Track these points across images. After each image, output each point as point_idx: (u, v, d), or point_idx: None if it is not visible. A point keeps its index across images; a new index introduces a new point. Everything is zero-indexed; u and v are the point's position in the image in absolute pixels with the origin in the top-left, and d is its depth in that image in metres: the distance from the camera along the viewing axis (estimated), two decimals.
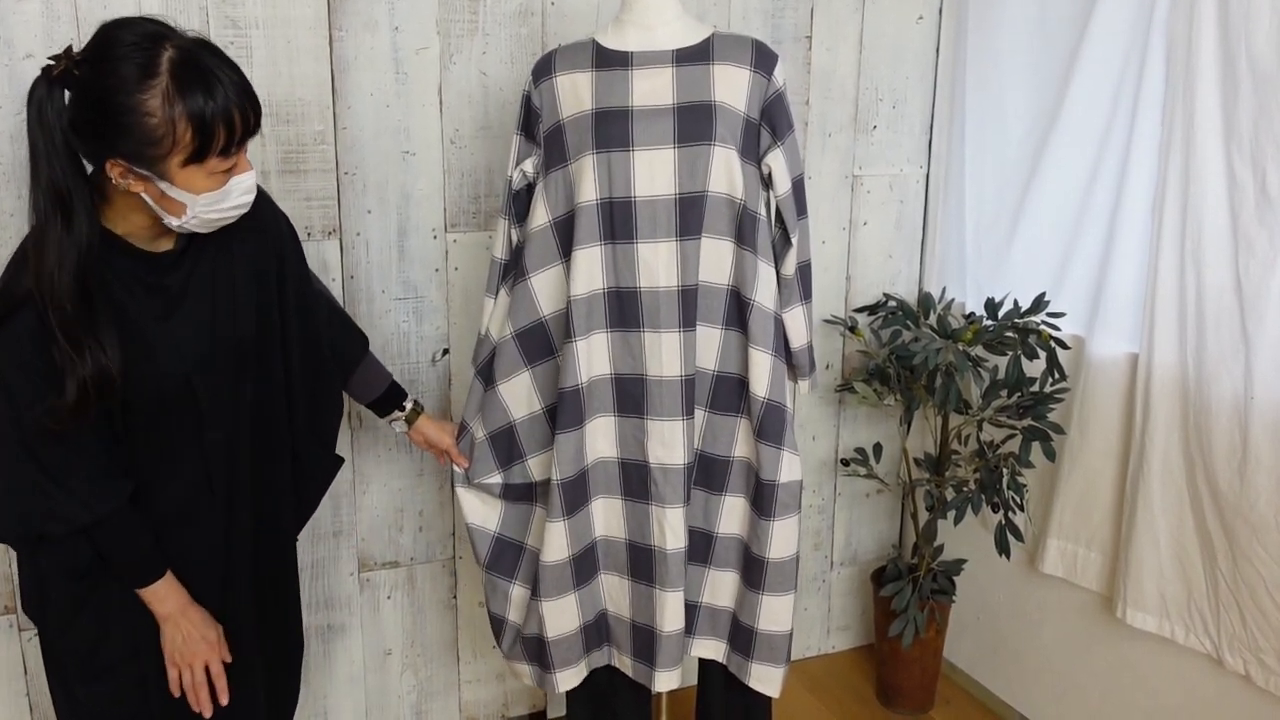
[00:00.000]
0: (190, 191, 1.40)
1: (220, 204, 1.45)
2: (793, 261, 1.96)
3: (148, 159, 1.37)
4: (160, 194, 1.41)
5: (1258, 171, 1.92)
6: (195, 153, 1.37)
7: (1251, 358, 1.94)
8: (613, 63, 1.85)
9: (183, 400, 1.56)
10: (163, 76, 1.34)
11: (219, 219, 1.48)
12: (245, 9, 2.06)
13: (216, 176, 1.42)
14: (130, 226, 1.48)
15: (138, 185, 1.40)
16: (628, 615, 2.03)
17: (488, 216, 2.35)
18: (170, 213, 1.43)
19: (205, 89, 1.36)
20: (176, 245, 1.54)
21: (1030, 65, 2.43)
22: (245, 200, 1.49)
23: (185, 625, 1.60)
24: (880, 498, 2.93)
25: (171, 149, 1.36)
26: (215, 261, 1.58)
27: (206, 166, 1.40)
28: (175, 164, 1.37)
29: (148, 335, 1.50)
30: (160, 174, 1.38)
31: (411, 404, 2.02)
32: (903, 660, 2.65)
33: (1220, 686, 2.11)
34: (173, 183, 1.39)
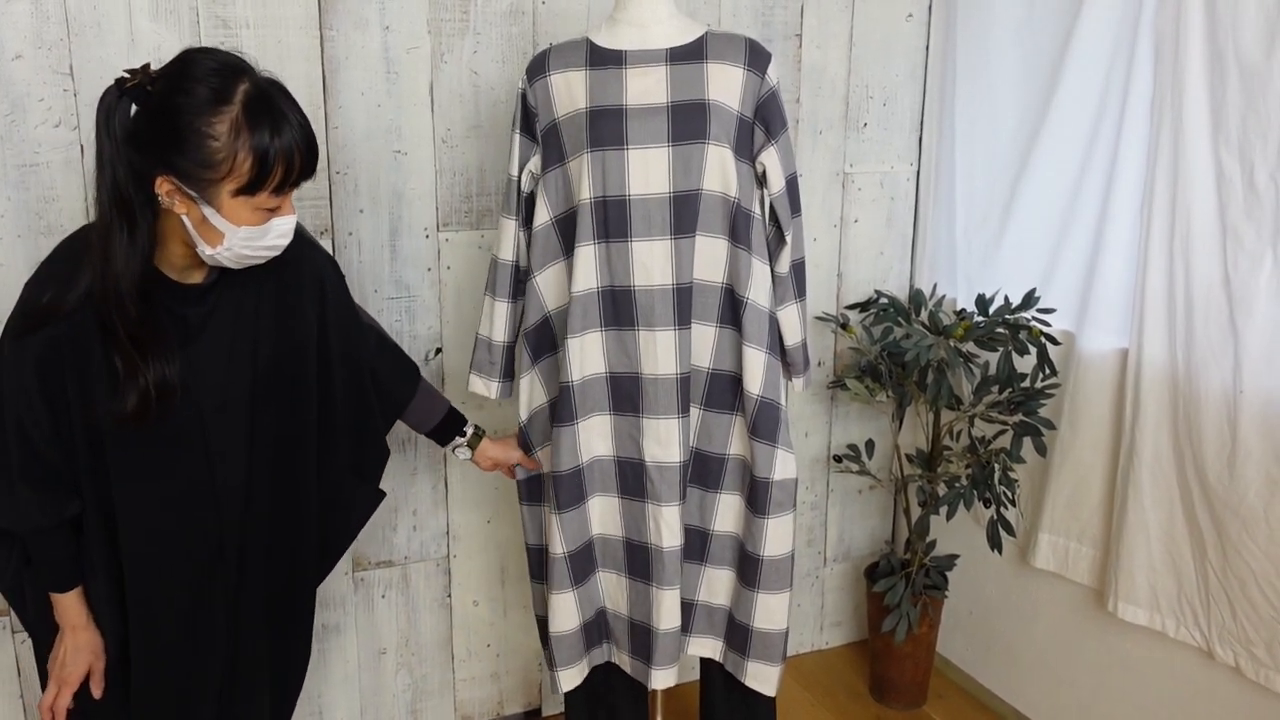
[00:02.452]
0: (232, 222, 1.42)
1: (256, 241, 1.45)
2: (787, 259, 1.96)
3: (200, 181, 1.38)
4: (201, 219, 1.42)
5: (1245, 166, 1.93)
6: (249, 185, 1.39)
7: (1240, 351, 1.96)
8: (607, 61, 1.85)
9: (192, 435, 1.56)
10: (235, 106, 1.37)
11: (251, 256, 1.48)
12: (235, 9, 2.06)
13: (260, 213, 1.44)
14: (165, 255, 1.49)
15: (182, 206, 1.41)
16: (625, 613, 2.03)
17: (480, 215, 2.35)
18: (206, 240, 1.44)
19: (273, 126, 1.39)
20: (205, 280, 1.55)
21: (1019, 62, 2.44)
22: (280, 243, 1.50)
23: (75, 641, 1.59)
24: (873, 494, 2.94)
25: (226, 175, 1.38)
26: (241, 296, 1.58)
27: (255, 200, 1.41)
28: (226, 191, 1.39)
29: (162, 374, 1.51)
30: (207, 198, 1.39)
31: (473, 429, 2.01)
32: (896, 655, 2.66)
33: (1211, 679, 2.12)
34: (218, 210, 1.40)
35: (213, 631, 1.65)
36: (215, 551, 1.63)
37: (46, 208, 1.99)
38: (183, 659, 1.64)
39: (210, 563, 1.63)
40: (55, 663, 1.60)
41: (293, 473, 1.68)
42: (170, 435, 1.54)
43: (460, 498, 2.46)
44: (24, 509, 1.51)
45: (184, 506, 1.58)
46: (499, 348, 2.04)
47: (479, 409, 2.42)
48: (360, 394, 1.79)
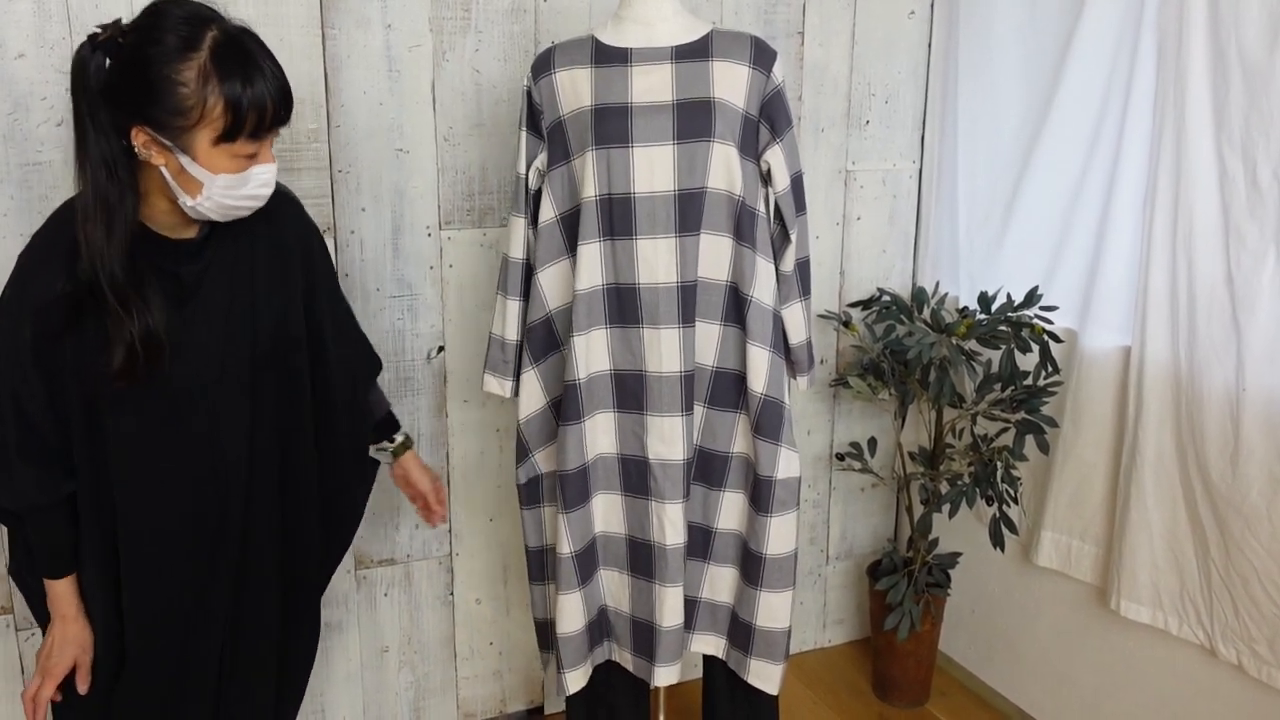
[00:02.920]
0: (210, 170, 1.41)
1: (237, 190, 1.44)
2: (791, 258, 1.96)
3: (174, 129, 1.38)
4: (179, 169, 1.41)
5: (1248, 164, 1.93)
6: (224, 132, 1.38)
7: (1243, 349, 1.96)
8: (612, 59, 1.85)
9: (194, 396, 1.53)
10: (203, 52, 1.37)
11: (234, 206, 1.47)
12: (237, 7, 2.05)
13: (239, 160, 1.42)
14: (151, 212, 1.48)
15: (159, 157, 1.41)
16: (627, 610, 2.03)
17: (482, 213, 2.35)
18: (186, 191, 1.43)
19: (243, 72, 1.38)
20: (198, 234, 1.53)
21: (1022, 59, 2.44)
22: (262, 192, 1.49)
23: (64, 632, 1.57)
24: (875, 492, 2.95)
25: (199, 122, 1.37)
26: (236, 254, 1.57)
27: (233, 148, 1.40)
28: (202, 140, 1.38)
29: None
30: (183, 147, 1.39)
31: (403, 437, 1.99)
32: (898, 653, 2.66)
33: (1213, 677, 2.12)
34: (194, 158, 1.39)
35: (210, 623, 1.63)
36: (217, 532, 1.60)
37: (49, 206, 1.98)
38: (177, 652, 1.62)
39: (211, 544, 1.60)
40: (42, 653, 1.59)
41: (296, 446, 1.67)
42: (170, 404, 1.52)
43: (463, 496, 2.46)
44: (21, 486, 1.50)
45: (184, 482, 1.56)
46: (512, 346, 2.04)
47: (481, 407, 2.42)
48: (348, 364, 1.78)
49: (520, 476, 2.04)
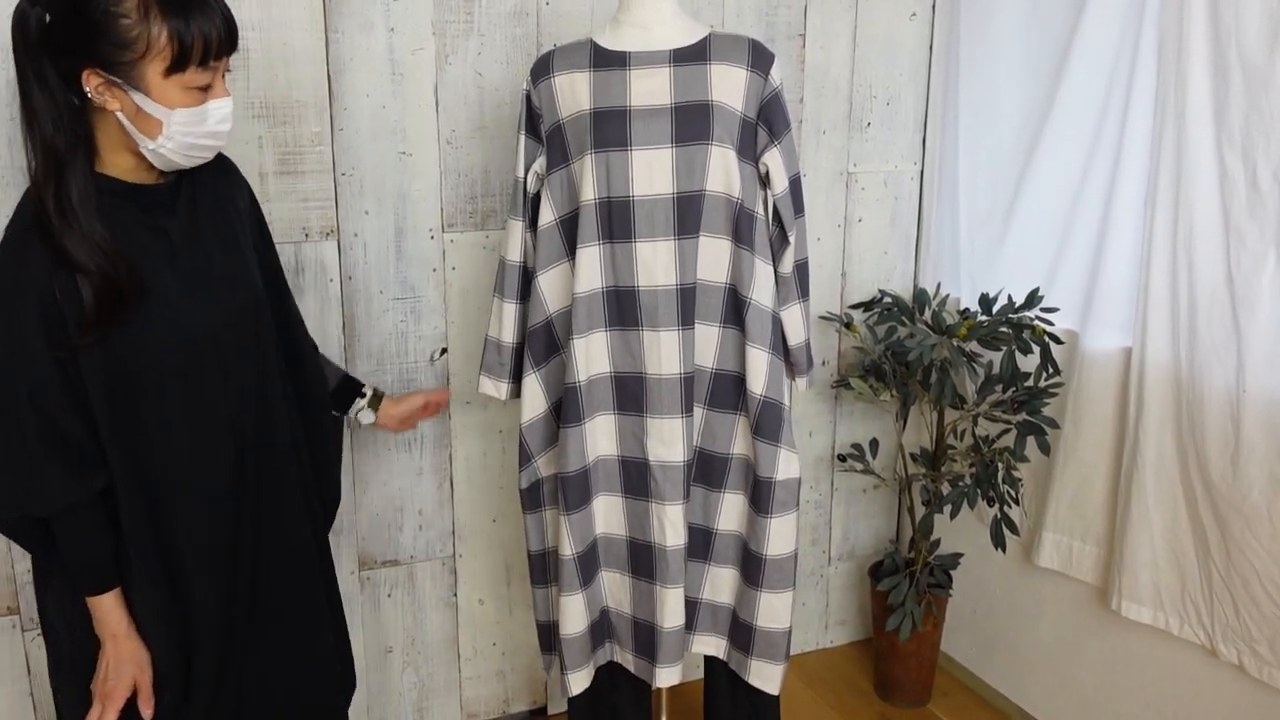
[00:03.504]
0: (166, 105, 1.39)
1: (197, 127, 1.43)
2: (790, 259, 1.97)
3: (123, 65, 1.36)
4: (136, 110, 1.39)
5: (1248, 165, 1.93)
6: (174, 61, 1.37)
7: (1243, 350, 1.96)
8: (610, 63, 1.86)
9: (207, 356, 1.52)
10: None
11: (196, 145, 1.45)
12: (241, 11, 2.06)
13: (193, 93, 1.41)
14: (114, 162, 1.46)
15: (114, 101, 1.39)
16: (629, 612, 2.04)
17: (484, 216, 2.36)
18: (145, 133, 1.41)
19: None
20: (165, 180, 1.52)
21: (1023, 61, 2.45)
22: (222, 129, 1.47)
23: (117, 651, 1.52)
24: (877, 493, 2.95)
25: (145, 53, 1.36)
26: (210, 209, 1.56)
27: (184, 79, 1.39)
28: (152, 72, 1.37)
29: (160, 280, 1.47)
30: (135, 83, 1.38)
31: (371, 390, 2.00)
32: (900, 654, 2.67)
33: (1214, 677, 2.12)
34: (148, 94, 1.38)
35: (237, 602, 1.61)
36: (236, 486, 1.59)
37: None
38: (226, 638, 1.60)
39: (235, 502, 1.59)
40: (98, 678, 1.53)
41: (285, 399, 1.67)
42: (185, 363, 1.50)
43: (466, 497, 2.47)
44: (51, 487, 1.44)
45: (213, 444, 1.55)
46: (508, 349, 2.05)
47: (483, 409, 2.43)
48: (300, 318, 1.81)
49: (522, 481, 2.05)
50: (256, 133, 2.12)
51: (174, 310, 1.48)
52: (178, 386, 1.50)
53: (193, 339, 1.50)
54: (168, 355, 1.48)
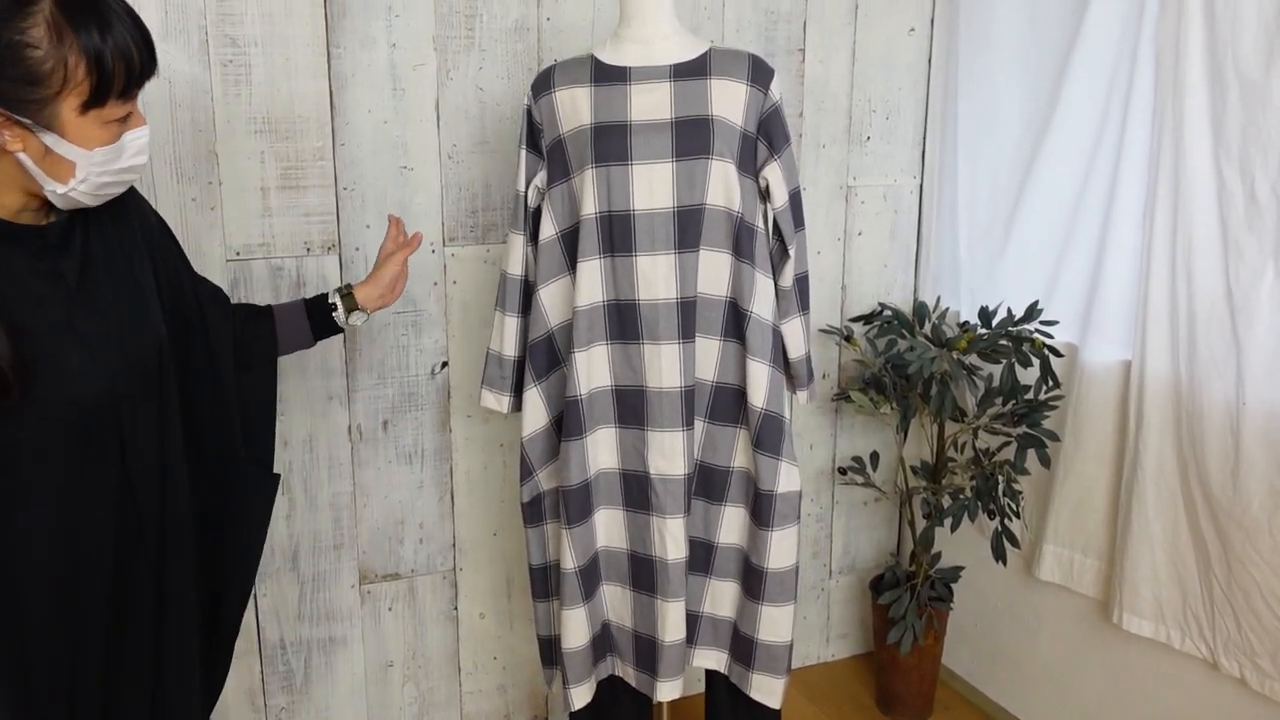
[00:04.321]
0: (82, 146, 1.20)
1: (112, 164, 1.24)
2: (790, 273, 1.98)
3: (33, 103, 1.15)
4: (44, 152, 1.19)
5: (1246, 178, 1.94)
6: (93, 94, 1.17)
7: (1243, 363, 1.96)
8: (611, 78, 1.87)
9: (100, 413, 1.31)
10: (45, 2, 1.15)
11: (110, 183, 1.26)
12: (244, 27, 2.08)
13: (110, 127, 1.22)
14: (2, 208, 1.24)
15: (16, 142, 1.18)
16: (630, 625, 2.04)
17: (485, 230, 2.36)
18: (55, 177, 1.21)
19: (97, 17, 1.17)
20: (58, 219, 1.30)
21: (1021, 75, 2.46)
22: (139, 161, 1.28)
23: None
24: (878, 506, 2.95)
25: (62, 89, 1.16)
26: (106, 247, 1.34)
27: (103, 113, 1.20)
28: (68, 109, 1.17)
29: (55, 337, 1.25)
30: (46, 123, 1.17)
31: (338, 293, 1.74)
32: (901, 668, 2.66)
33: (1216, 691, 2.12)
34: (62, 134, 1.18)
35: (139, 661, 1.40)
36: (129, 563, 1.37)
37: None
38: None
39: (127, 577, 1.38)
40: None
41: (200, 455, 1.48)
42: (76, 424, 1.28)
43: (466, 511, 2.47)
44: None
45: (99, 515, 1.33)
46: (510, 362, 2.05)
47: (484, 422, 2.44)
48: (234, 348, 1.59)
49: (524, 495, 2.05)
50: (258, 148, 2.13)
51: (69, 374, 1.27)
52: (61, 456, 1.28)
53: (88, 405, 1.29)
54: (56, 427, 1.27)
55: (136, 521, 1.36)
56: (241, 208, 2.15)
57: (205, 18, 2.05)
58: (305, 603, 2.35)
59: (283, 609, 2.33)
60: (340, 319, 1.75)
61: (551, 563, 2.08)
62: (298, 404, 2.26)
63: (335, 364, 2.28)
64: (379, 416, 2.34)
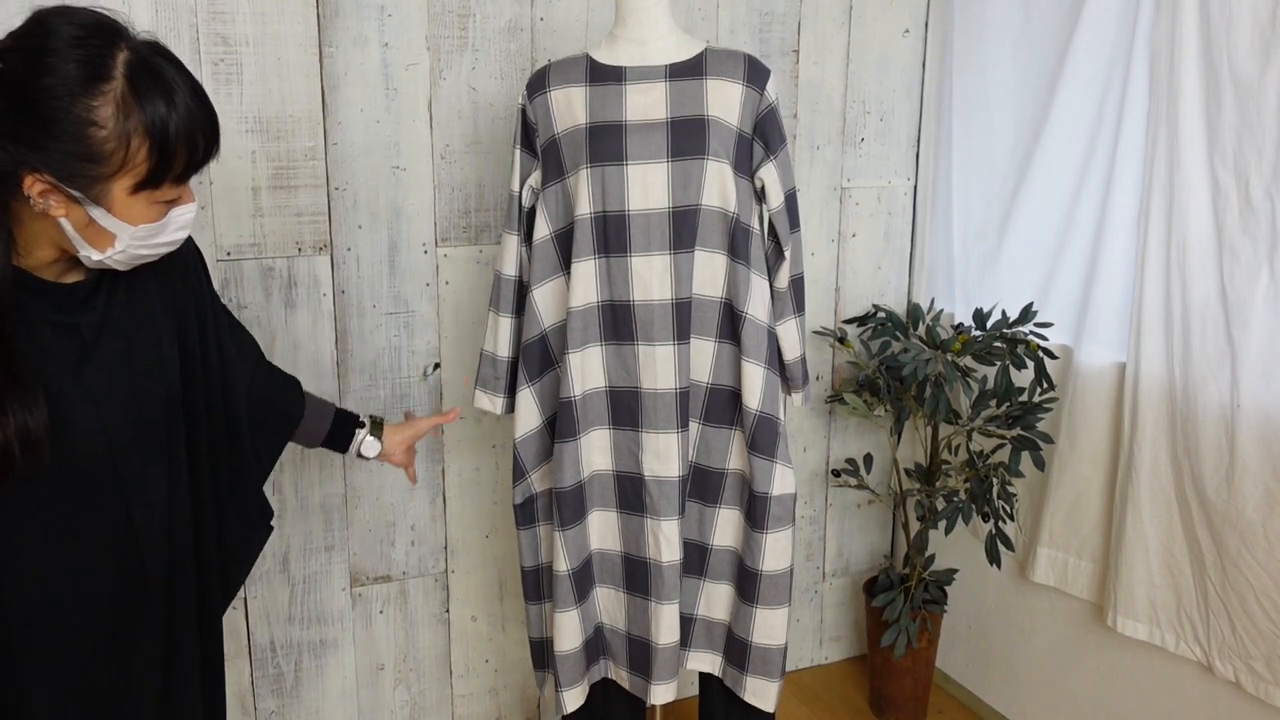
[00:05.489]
0: (127, 222, 1.16)
1: (154, 239, 1.21)
2: (785, 274, 1.97)
3: (85, 178, 1.12)
4: (87, 222, 1.15)
5: (1241, 181, 1.94)
6: (149, 177, 1.14)
7: (1237, 366, 1.96)
8: (606, 78, 1.86)
9: (102, 470, 1.26)
10: (118, 81, 1.10)
11: (146, 255, 1.23)
12: (236, 26, 2.07)
13: (158, 207, 1.19)
14: (33, 260, 1.20)
15: (60, 209, 1.14)
16: (623, 628, 2.03)
17: (478, 231, 2.35)
18: (94, 245, 1.18)
19: (167, 100, 1.13)
20: (88, 276, 1.27)
21: (1016, 77, 2.46)
22: (179, 236, 1.24)
23: None
24: (871, 508, 2.94)
25: (119, 170, 1.12)
26: (130, 296, 1.30)
27: (156, 194, 1.17)
28: (120, 188, 1.14)
29: (58, 389, 1.21)
30: (95, 198, 1.14)
31: (369, 419, 1.76)
32: (895, 670, 2.66)
33: (1211, 694, 2.12)
34: (109, 210, 1.15)
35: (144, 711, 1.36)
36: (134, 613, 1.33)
37: None
38: None
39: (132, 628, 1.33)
40: None
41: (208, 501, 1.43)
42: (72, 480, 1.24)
43: (458, 513, 2.46)
44: None
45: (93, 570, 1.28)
46: (503, 363, 2.04)
47: (477, 423, 2.42)
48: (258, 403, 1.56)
49: (516, 496, 2.04)
50: (250, 147, 2.12)
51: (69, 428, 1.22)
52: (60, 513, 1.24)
53: (88, 457, 1.25)
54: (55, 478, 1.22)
55: (141, 573, 1.32)
56: (232, 207, 2.13)
57: (196, 16, 2.04)
58: (296, 605, 2.33)
59: (273, 611, 2.32)
60: (358, 440, 1.72)
61: (544, 565, 2.07)
62: None
63: (327, 365, 2.26)
64: None
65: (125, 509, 1.29)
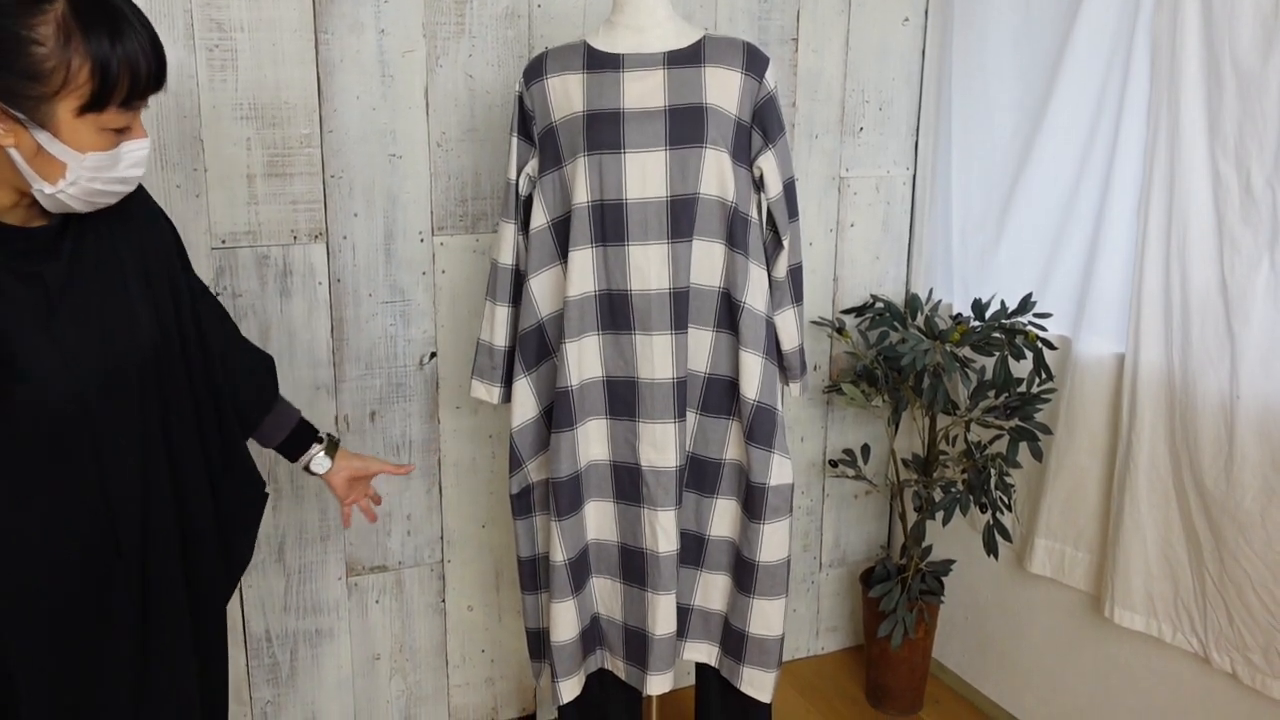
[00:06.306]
0: (75, 148, 1.18)
1: (106, 172, 1.22)
2: (784, 264, 1.96)
3: (30, 99, 1.14)
4: (36, 149, 1.18)
5: (1242, 171, 1.93)
6: (92, 99, 1.16)
7: (1237, 356, 1.96)
8: (604, 65, 1.85)
9: (75, 432, 1.26)
10: (59, 2, 1.14)
11: (101, 192, 1.24)
12: (230, 12, 2.05)
13: (107, 135, 1.20)
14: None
15: (8, 137, 1.17)
16: (620, 618, 2.02)
17: (475, 219, 2.34)
18: (44, 176, 1.19)
19: (110, 23, 1.16)
20: (51, 222, 1.28)
21: (1016, 67, 2.44)
22: (134, 174, 1.26)
23: None
24: (869, 499, 2.94)
25: (61, 89, 1.15)
26: (99, 251, 1.31)
27: (101, 119, 1.18)
28: (65, 110, 1.16)
29: (25, 342, 1.22)
30: (41, 121, 1.16)
31: (327, 436, 1.73)
32: (892, 661, 2.65)
33: (1207, 685, 2.12)
34: (56, 134, 1.17)
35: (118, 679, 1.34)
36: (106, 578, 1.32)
37: None
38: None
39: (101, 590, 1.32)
40: None
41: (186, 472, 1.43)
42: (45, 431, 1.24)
43: (455, 503, 2.45)
44: None
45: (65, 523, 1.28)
46: (500, 352, 2.03)
47: (473, 413, 2.42)
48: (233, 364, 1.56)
49: (513, 486, 2.03)
50: (244, 134, 2.10)
51: (38, 379, 1.23)
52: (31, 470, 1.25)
53: (59, 413, 1.25)
54: (25, 433, 1.23)
55: (112, 533, 1.32)
56: (227, 195, 2.12)
57: (190, 1, 2.02)
58: (291, 594, 2.33)
59: (268, 601, 2.31)
60: (311, 453, 1.70)
61: (540, 555, 2.06)
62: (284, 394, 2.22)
63: (322, 354, 2.25)
64: (366, 407, 2.32)
65: (98, 471, 1.29)
